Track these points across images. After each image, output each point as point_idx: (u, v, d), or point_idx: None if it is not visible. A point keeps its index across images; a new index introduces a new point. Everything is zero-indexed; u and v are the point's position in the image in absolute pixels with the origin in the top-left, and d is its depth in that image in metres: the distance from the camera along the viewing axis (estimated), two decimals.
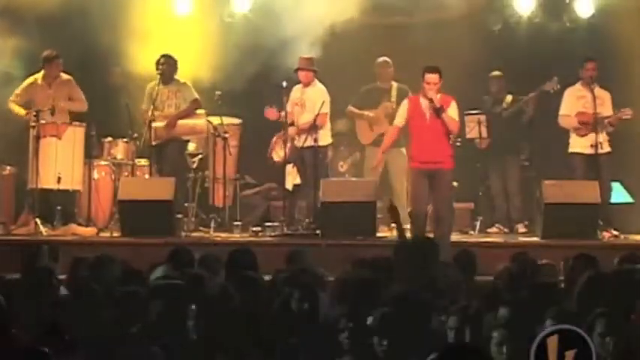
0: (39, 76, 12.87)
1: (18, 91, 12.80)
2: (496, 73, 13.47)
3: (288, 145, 12.52)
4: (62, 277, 8.00)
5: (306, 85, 12.50)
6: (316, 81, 12.56)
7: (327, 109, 12.48)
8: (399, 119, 11.66)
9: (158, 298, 6.34)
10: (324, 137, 12.46)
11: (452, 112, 11.39)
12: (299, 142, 12.43)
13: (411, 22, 13.48)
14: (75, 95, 12.85)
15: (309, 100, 12.51)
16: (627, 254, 8.45)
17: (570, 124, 12.58)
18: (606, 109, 12.48)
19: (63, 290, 7.33)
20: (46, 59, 12.78)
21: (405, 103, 11.71)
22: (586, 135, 12.46)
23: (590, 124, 12.42)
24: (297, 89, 12.66)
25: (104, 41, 12.95)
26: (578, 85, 12.64)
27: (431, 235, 10.87)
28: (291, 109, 12.61)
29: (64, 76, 12.88)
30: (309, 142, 12.33)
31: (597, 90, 12.52)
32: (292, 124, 12.58)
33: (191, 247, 10.98)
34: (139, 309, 6.33)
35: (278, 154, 13.08)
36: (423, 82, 11.38)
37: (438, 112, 11.24)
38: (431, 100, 11.24)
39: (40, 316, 6.31)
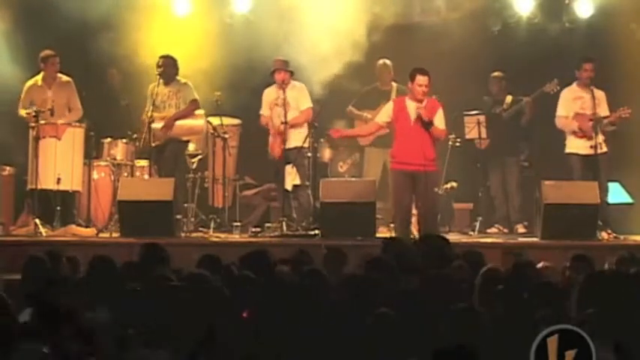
0: (38, 77, 12.88)
1: (22, 97, 12.80)
2: (497, 73, 13.49)
3: (280, 146, 12.49)
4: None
5: (282, 87, 12.46)
6: (292, 80, 12.55)
7: (310, 103, 12.53)
8: (382, 117, 11.69)
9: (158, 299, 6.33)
10: (303, 140, 12.46)
11: (438, 120, 11.43)
12: (289, 143, 12.44)
13: (411, 24, 13.48)
14: (72, 103, 12.85)
15: (293, 100, 12.51)
16: (626, 255, 8.40)
17: (567, 127, 12.56)
18: (602, 109, 12.48)
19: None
20: (43, 59, 12.79)
21: (389, 105, 11.76)
22: (584, 137, 12.45)
23: (589, 128, 12.39)
24: (272, 90, 12.63)
25: (104, 42, 12.95)
26: (574, 86, 12.64)
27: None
28: (270, 110, 12.60)
29: (64, 77, 12.89)
30: (294, 144, 12.39)
31: (594, 91, 12.51)
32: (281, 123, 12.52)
33: (191, 247, 11.12)
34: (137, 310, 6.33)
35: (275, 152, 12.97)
36: (412, 85, 11.37)
37: (427, 125, 11.26)
38: (419, 117, 11.22)
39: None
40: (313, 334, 6.07)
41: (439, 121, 11.48)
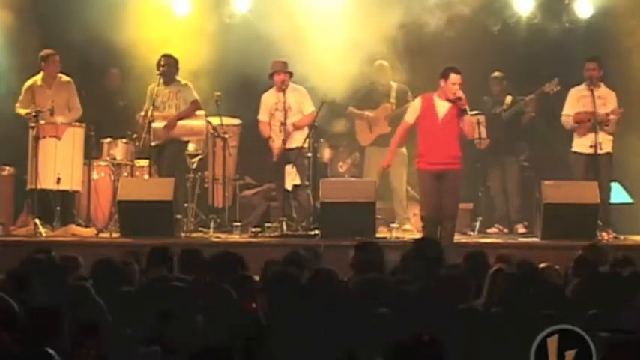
0: (38, 77, 12.86)
1: (21, 96, 12.79)
2: (497, 73, 13.48)
3: (280, 146, 12.49)
4: None
5: (282, 88, 12.45)
6: (291, 83, 12.54)
7: (313, 106, 12.53)
8: (410, 116, 11.42)
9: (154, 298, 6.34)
10: (303, 140, 12.45)
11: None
12: (289, 144, 12.44)
13: (411, 24, 13.45)
14: (72, 103, 12.83)
15: (295, 103, 12.50)
16: (621, 257, 8.40)
17: (569, 124, 12.61)
18: (610, 108, 12.45)
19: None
20: (43, 58, 12.77)
21: (417, 101, 11.49)
22: (585, 135, 12.47)
23: (585, 123, 12.42)
24: (271, 94, 12.63)
25: (103, 42, 12.94)
26: (581, 86, 12.64)
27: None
28: (271, 114, 12.59)
29: (64, 77, 12.87)
30: (295, 144, 12.41)
31: (601, 89, 12.51)
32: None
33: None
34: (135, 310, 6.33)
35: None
36: (444, 83, 11.28)
37: (463, 112, 11.17)
38: (459, 99, 11.12)
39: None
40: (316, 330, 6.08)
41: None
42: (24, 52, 13.22)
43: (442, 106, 11.21)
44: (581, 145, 12.52)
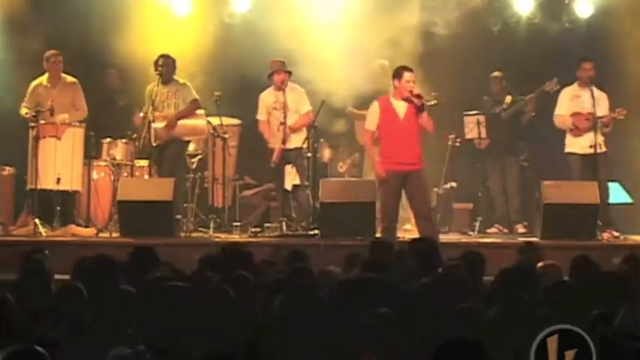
0: (44, 77, 12.86)
1: (26, 97, 12.78)
2: (497, 73, 13.49)
3: (280, 147, 12.49)
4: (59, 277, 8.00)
5: (282, 88, 12.45)
6: (290, 82, 12.54)
7: (310, 106, 12.53)
8: (371, 124, 11.48)
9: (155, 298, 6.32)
10: (303, 140, 12.45)
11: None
12: (289, 144, 12.45)
13: (411, 24, 13.46)
14: (78, 103, 12.82)
15: (293, 103, 12.50)
16: (628, 255, 8.41)
17: (564, 124, 12.59)
18: (602, 110, 12.47)
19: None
20: (46, 58, 12.78)
21: (374, 106, 11.55)
22: (580, 135, 12.47)
23: (585, 126, 12.39)
24: (269, 93, 12.63)
25: (103, 42, 12.95)
26: (574, 85, 12.66)
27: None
28: (269, 114, 12.60)
29: (69, 78, 12.86)
30: (294, 144, 12.42)
31: (594, 90, 12.51)
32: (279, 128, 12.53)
33: (191, 247, 11.13)
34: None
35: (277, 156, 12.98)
36: (398, 82, 11.29)
37: (420, 109, 11.21)
38: (418, 96, 11.19)
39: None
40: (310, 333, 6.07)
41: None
42: (24, 52, 13.22)
43: (400, 106, 11.30)
44: (577, 145, 12.51)
